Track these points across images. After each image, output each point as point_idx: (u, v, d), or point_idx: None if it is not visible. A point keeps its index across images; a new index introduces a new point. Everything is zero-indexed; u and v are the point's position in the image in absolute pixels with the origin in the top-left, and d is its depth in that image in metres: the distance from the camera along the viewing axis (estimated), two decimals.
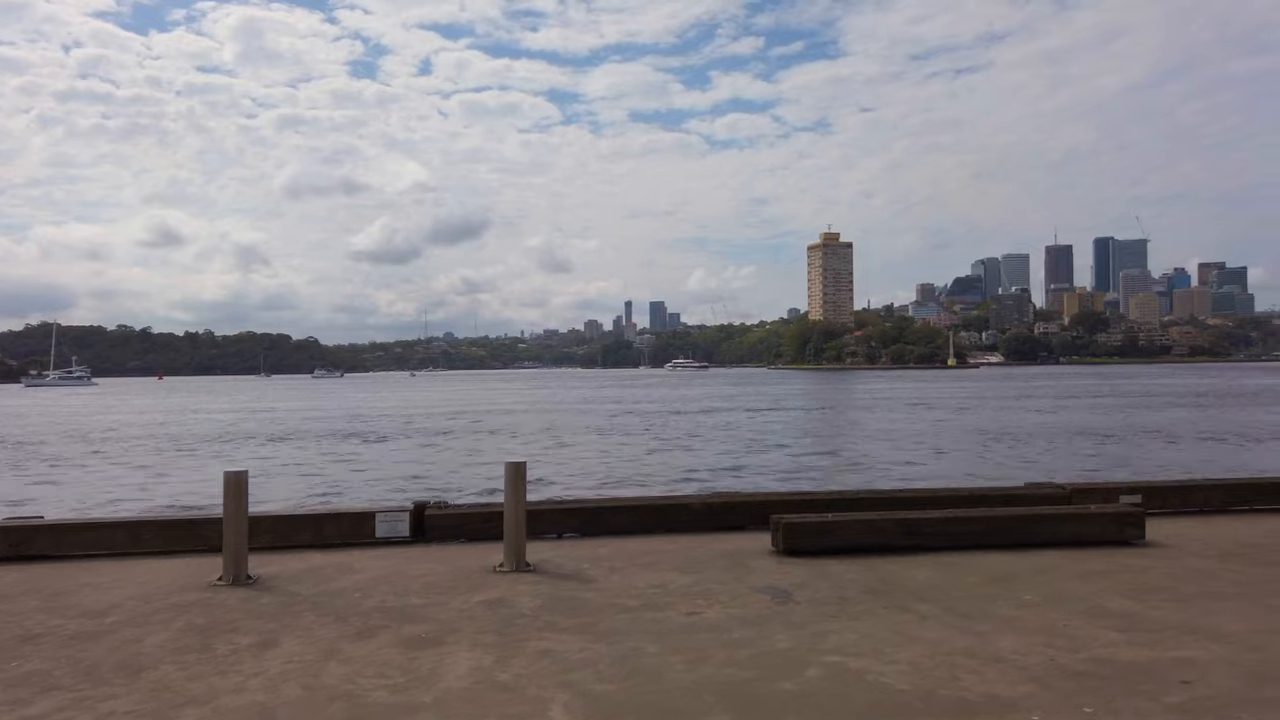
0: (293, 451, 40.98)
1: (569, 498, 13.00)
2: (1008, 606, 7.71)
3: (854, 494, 11.69)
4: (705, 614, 7.61)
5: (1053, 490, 11.84)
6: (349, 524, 10.87)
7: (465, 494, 24.24)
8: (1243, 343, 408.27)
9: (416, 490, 25.95)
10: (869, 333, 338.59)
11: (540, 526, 11.14)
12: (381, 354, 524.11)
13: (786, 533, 9.88)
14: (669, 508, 11.45)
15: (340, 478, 30.52)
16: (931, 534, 10.02)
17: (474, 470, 32.10)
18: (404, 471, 31.93)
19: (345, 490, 26.97)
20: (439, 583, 8.87)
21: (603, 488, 26.69)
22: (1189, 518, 11.83)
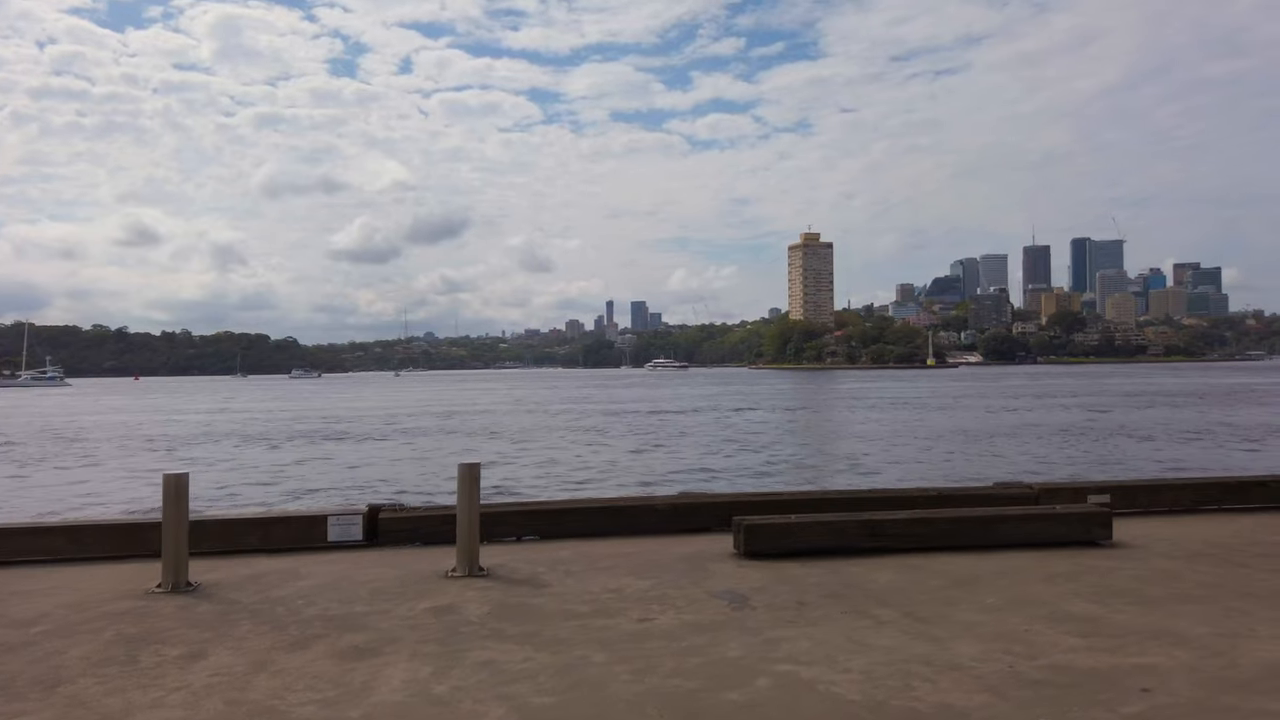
0: (259, 453, 40.41)
1: (530, 499, 12.71)
2: (969, 611, 7.52)
3: (819, 494, 11.49)
4: (658, 620, 7.36)
5: (1020, 490, 11.69)
6: (299, 528, 10.54)
7: (436, 496, 23.86)
8: (1217, 342, 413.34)
9: (385, 492, 25.57)
10: (849, 333, 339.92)
11: (500, 529, 10.87)
12: (361, 354, 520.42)
13: (748, 535, 9.65)
14: (632, 509, 11.20)
15: (305, 479, 30.06)
16: (895, 535, 9.82)
17: (444, 471, 31.68)
18: (370, 473, 31.49)
19: (309, 492, 26.53)
20: (387, 589, 8.57)
21: (581, 488, 26.41)
22: (1157, 518, 11.71)
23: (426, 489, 26.38)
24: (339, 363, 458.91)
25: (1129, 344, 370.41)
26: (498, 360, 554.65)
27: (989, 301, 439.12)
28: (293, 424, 61.21)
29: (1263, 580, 8.41)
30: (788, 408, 76.13)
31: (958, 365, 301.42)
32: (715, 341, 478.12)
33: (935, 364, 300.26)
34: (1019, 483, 12.30)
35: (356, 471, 32.38)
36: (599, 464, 33.83)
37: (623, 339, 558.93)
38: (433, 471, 31.79)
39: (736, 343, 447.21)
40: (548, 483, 27.99)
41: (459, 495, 9.14)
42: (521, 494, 24.41)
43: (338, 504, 18.45)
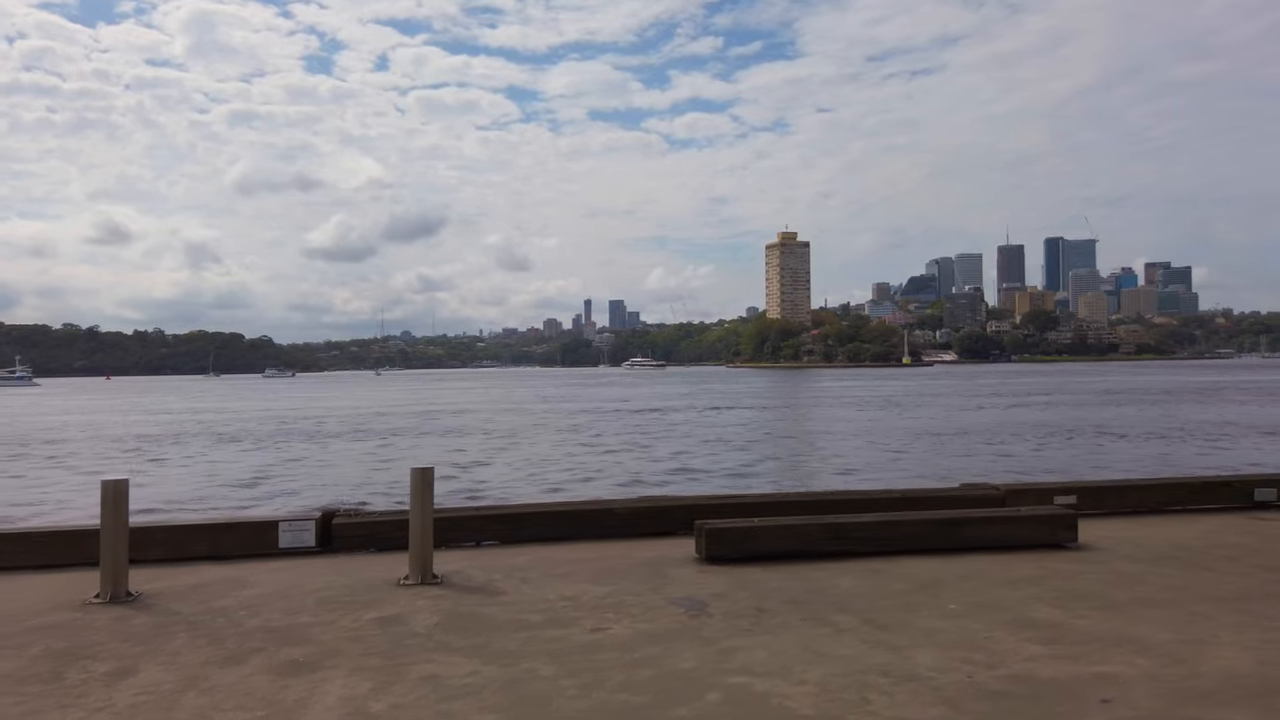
0: (227, 454, 39.79)
1: (490, 503, 12.44)
2: (930, 617, 7.35)
3: (784, 497, 11.31)
4: (612, 630, 7.14)
5: (987, 492, 11.57)
6: (249, 534, 10.22)
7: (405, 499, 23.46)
8: (1187, 341, 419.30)
9: (354, 495, 25.16)
10: (826, 331, 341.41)
11: (459, 534, 10.61)
12: (337, 353, 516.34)
13: (709, 539, 9.45)
14: (594, 513, 10.97)
15: (272, 481, 29.58)
16: (860, 539, 9.66)
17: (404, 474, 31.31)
18: (340, 474, 31.04)
19: (280, 495, 26.09)
20: (336, 598, 8.29)
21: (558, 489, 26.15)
22: (1123, 519, 11.64)
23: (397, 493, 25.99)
24: (314, 362, 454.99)
25: (1101, 342, 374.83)
26: (475, 359, 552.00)
27: (964, 300, 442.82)
28: (263, 424, 60.42)
29: (1227, 584, 8.31)
30: (763, 406, 76.20)
31: (933, 364, 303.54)
32: (693, 340, 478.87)
33: (911, 362, 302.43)
34: (985, 484, 12.20)
35: (326, 473, 31.91)
36: (574, 464, 33.56)
37: (601, 338, 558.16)
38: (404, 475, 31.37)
39: (714, 341, 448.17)
40: (522, 484, 27.70)
41: (412, 500, 8.88)
42: (494, 497, 24.10)
43: (293, 509, 18.06)
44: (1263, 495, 12.01)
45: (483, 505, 11.27)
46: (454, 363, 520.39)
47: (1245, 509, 11.97)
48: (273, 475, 31.24)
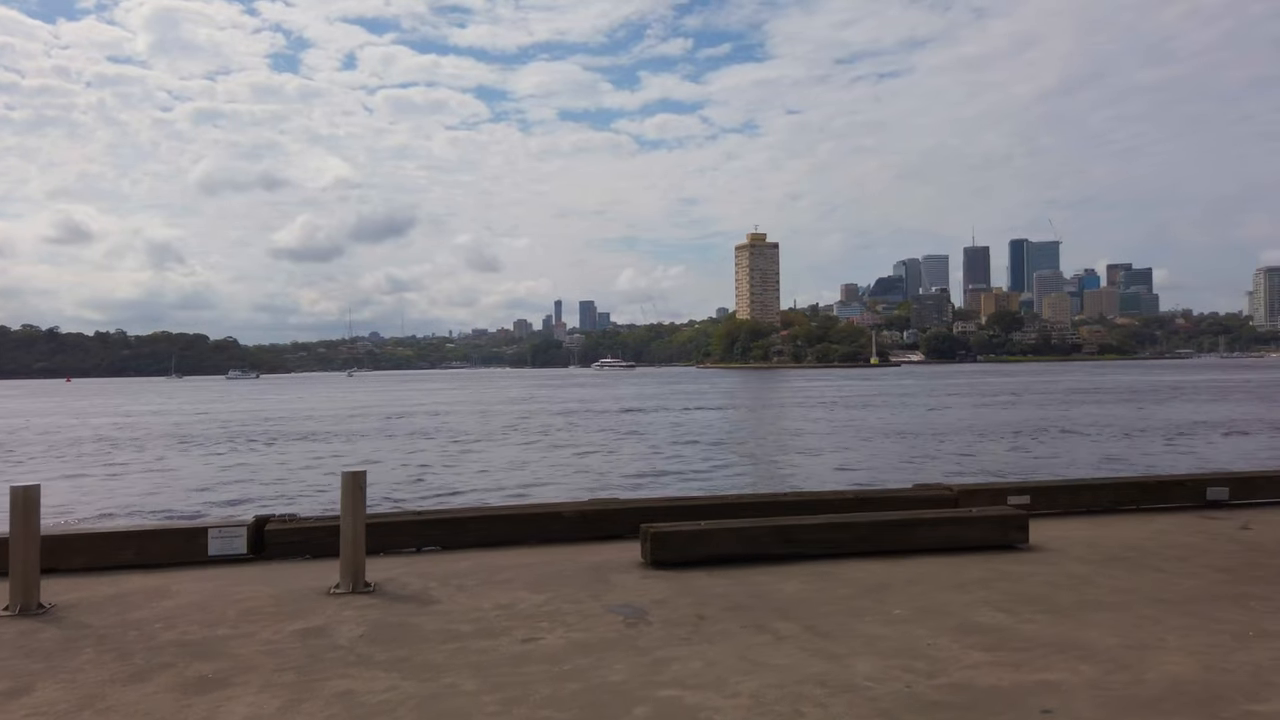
0: (181, 457, 38.93)
1: (432, 508, 12.08)
2: (874, 623, 7.14)
3: (734, 499, 11.08)
4: (544, 640, 6.85)
5: (940, 492, 11.42)
6: (178, 541, 9.80)
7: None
8: (1148, 341, 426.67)
9: (306, 501, 24.62)
10: (795, 332, 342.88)
11: (398, 540, 10.26)
12: (304, 354, 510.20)
13: (655, 543, 9.19)
14: (540, 517, 10.67)
15: (223, 485, 28.92)
16: (808, 541, 9.45)
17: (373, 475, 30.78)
18: (288, 479, 30.42)
19: (239, 502, 25.46)
20: (260, 608, 7.92)
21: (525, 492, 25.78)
22: (1076, 518, 11.54)
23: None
24: (281, 363, 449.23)
25: (1065, 343, 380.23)
26: (444, 360, 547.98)
27: (930, 301, 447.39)
28: (224, 427, 59.33)
29: (1176, 585, 8.19)
30: (729, 407, 76.20)
31: (900, 364, 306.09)
32: (664, 341, 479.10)
33: (879, 363, 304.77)
34: (939, 484, 12.05)
35: (282, 477, 31.26)
36: (538, 467, 33.20)
37: (571, 339, 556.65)
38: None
39: (685, 342, 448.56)
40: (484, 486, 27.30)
41: (342, 506, 8.52)
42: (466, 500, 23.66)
43: (227, 515, 17.57)
44: (1214, 494, 11.98)
45: (424, 510, 10.92)
46: (423, 364, 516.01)
47: (1197, 508, 11.93)
48: (225, 480, 30.54)
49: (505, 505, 11.22)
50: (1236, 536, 10.27)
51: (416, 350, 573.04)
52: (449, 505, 18.36)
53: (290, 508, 20.92)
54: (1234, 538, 10.22)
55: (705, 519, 10.23)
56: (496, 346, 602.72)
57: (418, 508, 11.28)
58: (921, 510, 10.45)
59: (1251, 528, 10.71)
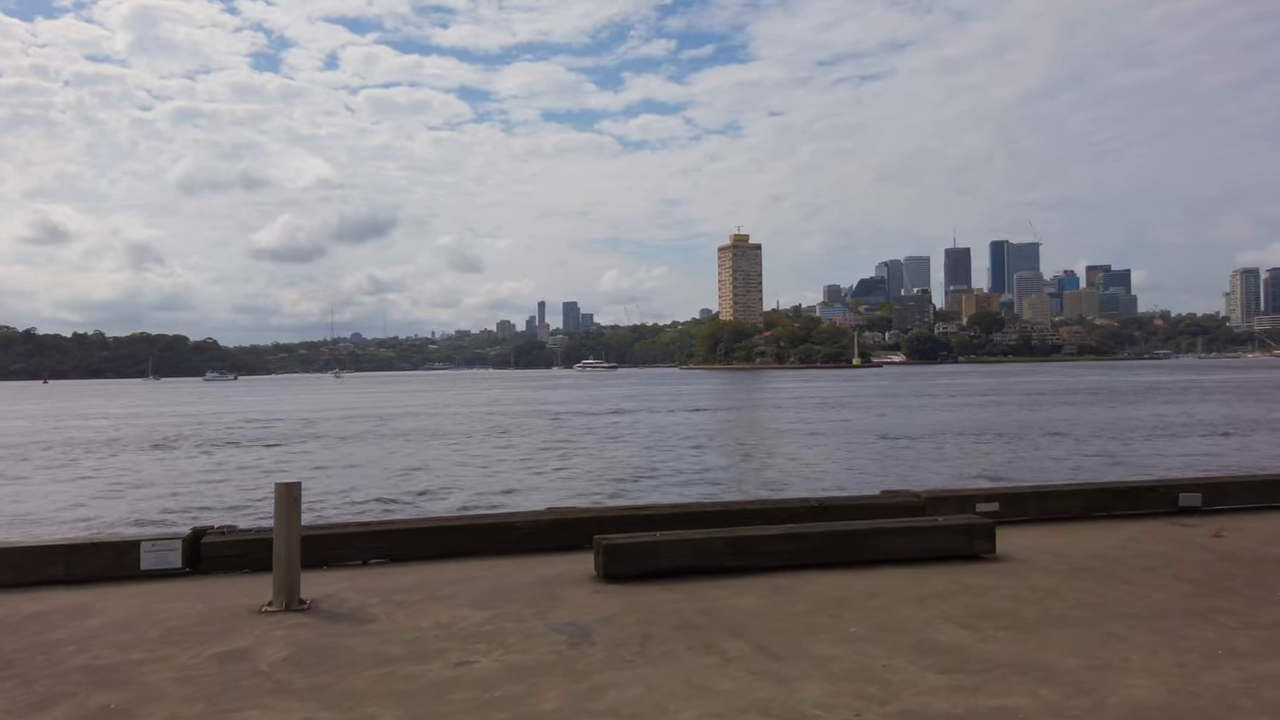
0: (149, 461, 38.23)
1: (380, 519, 11.67)
2: (828, 642, 6.80)
3: (693, 508, 10.73)
4: (479, 664, 6.46)
5: (907, 499, 11.11)
6: (110, 555, 9.34)
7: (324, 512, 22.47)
8: (1127, 342, 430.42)
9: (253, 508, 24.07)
10: (778, 333, 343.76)
11: (344, 552, 9.84)
12: (285, 356, 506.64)
13: (607, 556, 8.82)
14: (493, 528, 10.27)
15: (185, 492, 28.32)
16: (766, 553, 9.11)
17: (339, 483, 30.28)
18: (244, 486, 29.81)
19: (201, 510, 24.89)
20: (183, 629, 7.48)
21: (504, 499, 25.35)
22: (1045, 526, 11.25)
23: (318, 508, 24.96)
24: (262, 364, 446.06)
25: (1045, 343, 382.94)
26: (427, 362, 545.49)
27: (912, 302, 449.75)
28: (199, 429, 58.50)
29: (1144, 598, 7.90)
30: (709, 409, 75.96)
31: (882, 365, 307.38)
32: (647, 342, 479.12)
33: (861, 364, 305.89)
34: (906, 491, 11.73)
35: (240, 482, 30.67)
36: (506, 471, 32.77)
37: (554, 340, 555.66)
38: (327, 486, 30.31)
39: (668, 343, 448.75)
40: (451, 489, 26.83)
41: (276, 519, 8.10)
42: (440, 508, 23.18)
43: (163, 527, 17.04)
44: (1187, 500, 11.74)
45: (371, 520, 10.49)
46: (405, 365, 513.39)
47: (1169, 515, 11.68)
48: (184, 486, 29.92)
49: (457, 515, 10.81)
50: (1208, 545, 10.02)
51: (399, 351, 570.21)
52: (399, 516, 17.89)
53: (246, 518, 20.40)
54: (1205, 546, 9.96)
55: (663, 529, 9.88)
56: (479, 348, 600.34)
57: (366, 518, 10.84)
58: (886, 519, 10.13)
59: (1224, 535, 10.46)
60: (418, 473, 31.77)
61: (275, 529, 8.08)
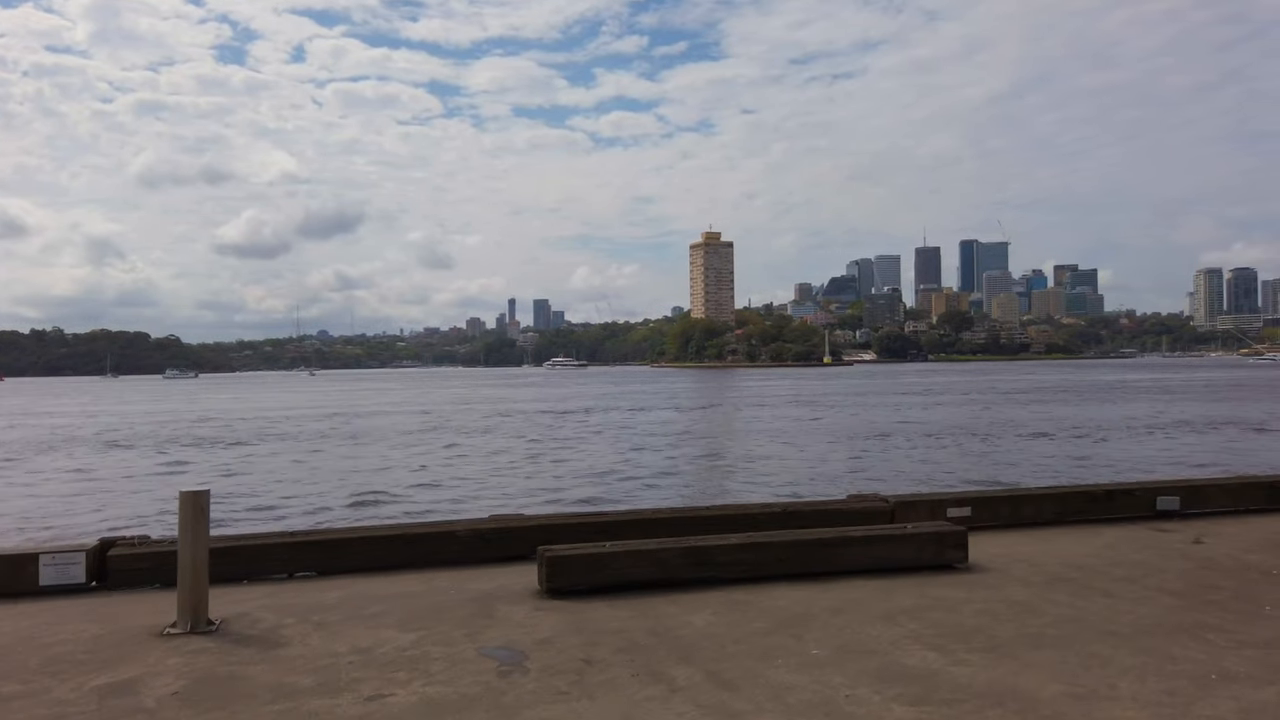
0: (59, 464, 36.94)
1: (307, 527, 10.88)
2: (787, 667, 6.16)
3: (650, 514, 10.05)
4: (394, 698, 5.74)
5: (875, 504, 10.52)
6: (4, 570, 8.50)
7: (246, 523, 21.44)
8: (1094, 341, 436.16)
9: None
10: (749, 331, 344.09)
11: (268, 565, 9.07)
12: (250, 353, 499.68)
13: (551, 569, 8.13)
14: (431, 537, 9.53)
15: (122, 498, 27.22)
16: (724, 564, 8.47)
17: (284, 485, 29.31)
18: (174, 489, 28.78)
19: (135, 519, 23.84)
20: (69, 655, 6.69)
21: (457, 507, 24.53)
22: (1019, 532, 10.72)
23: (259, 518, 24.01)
24: (226, 362, 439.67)
25: (1013, 342, 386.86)
26: (395, 360, 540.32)
27: (883, 301, 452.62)
28: (156, 428, 56.97)
29: (1126, 612, 7.35)
30: (677, 408, 75.44)
31: (853, 363, 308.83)
32: (618, 340, 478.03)
33: (832, 362, 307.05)
34: (874, 495, 11.15)
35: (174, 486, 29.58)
36: (463, 472, 31.95)
37: (525, 338, 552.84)
38: (270, 488, 29.33)
39: (639, 341, 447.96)
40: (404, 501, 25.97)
41: (180, 530, 7.32)
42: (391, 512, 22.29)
43: (68, 538, 16.11)
44: (1165, 504, 11.26)
45: (298, 530, 9.71)
46: (373, 363, 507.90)
47: (1147, 519, 11.20)
48: (106, 491, 28.79)
49: (392, 524, 10.07)
50: (1189, 552, 9.52)
51: (366, 349, 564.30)
52: (332, 523, 17.00)
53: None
54: (1186, 554, 9.46)
55: (614, 538, 9.23)
56: (449, 345, 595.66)
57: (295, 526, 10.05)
58: (853, 527, 9.54)
59: (1204, 541, 9.98)
60: (363, 475, 30.85)
61: (180, 542, 7.30)
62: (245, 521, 21.00)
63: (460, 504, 23.82)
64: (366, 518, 20.45)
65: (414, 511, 21.60)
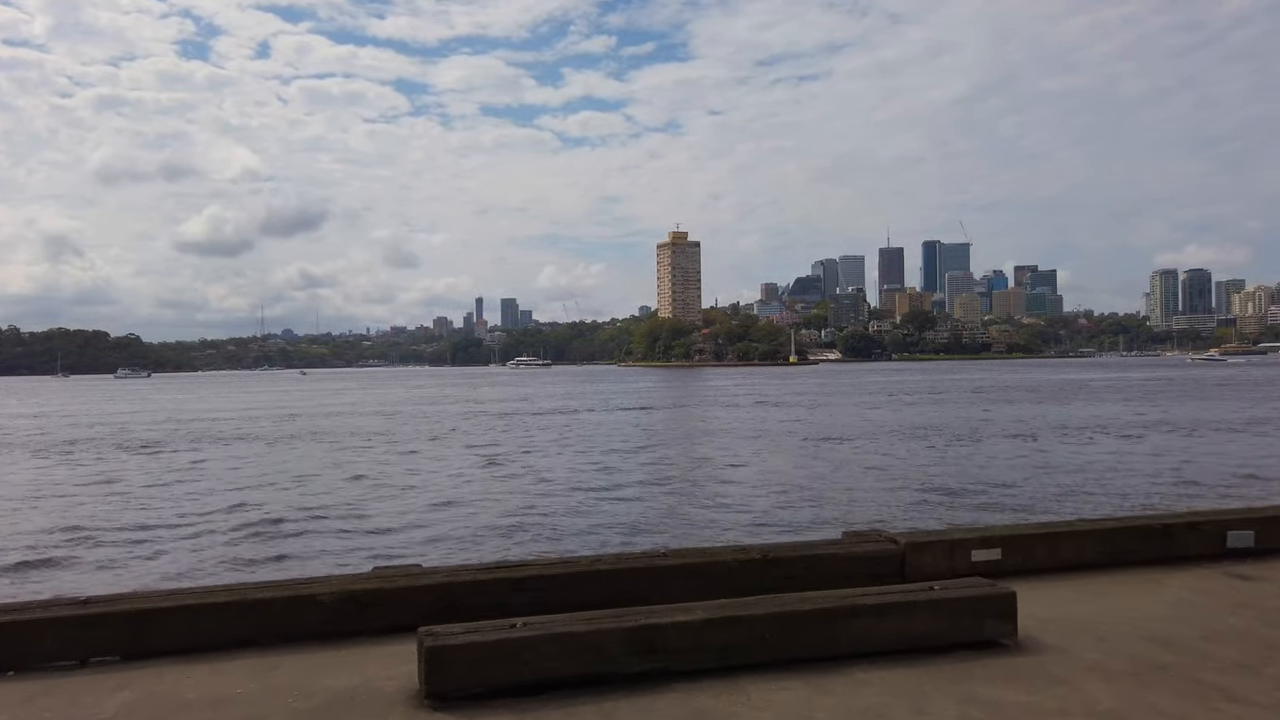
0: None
1: (110, 593, 8.19)
2: None
3: (585, 566, 7.52)
4: None
5: (880, 547, 8.12)
6: None
7: (66, 568, 18.56)
8: (1053, 340, 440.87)
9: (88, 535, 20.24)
10: (716, 330, 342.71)
11: (46, 648, 6.45)
12: (213, 352, 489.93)
13: (433, 664, 5.63)
14: (283, 602, 6.95)
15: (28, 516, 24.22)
16: (684, 650, 6.00)
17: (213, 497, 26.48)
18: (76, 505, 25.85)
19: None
20: None
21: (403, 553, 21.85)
22: (1061, 581, 8.37)
23: (144, 543, 21.17)
24: (188, 361, 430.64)
25: (975, 342, 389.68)
26: (361, 359, 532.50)
27: (847, 301, 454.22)
28: (71, 430, 53.40)
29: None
30: (640, 408, 73.02)
31: (818, 362, 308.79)
32: (586, 339, 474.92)
33: (798, 361, 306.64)
34: (875, 532, 8.75)
35: (85, 503, 26.62)
36: (376, 488, 29.24)
37: (492, 337, 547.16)
38: (136, 508, 26.52)
39: (607, 340, 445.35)
40: (302, 525, 23.24)
41: None
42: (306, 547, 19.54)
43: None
44: (1237, 540, 8.99)
45: (96, 597, 7.04)
46: (338, 362, 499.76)
47: (1215, 559, 8.91)
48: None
49: (225, 586, 7.41)
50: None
51: (332, 348, 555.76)
52: (140, 589, 14.12)
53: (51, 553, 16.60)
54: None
55: (535, 599, 6.79)
56: (416, 344, 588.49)
57: (84, 594, 7.37)
58: (854, 584, 7.14)
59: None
60: (264, 492, 28.02)
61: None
62: (66, 565, 17.21)
63: (371, 538, 19.98)
64: (231, 560, 17.45)
65: (291, 555, 17.87)
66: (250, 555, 17.96)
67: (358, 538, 19.99)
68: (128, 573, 16.38)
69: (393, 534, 20.47)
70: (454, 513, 22.97)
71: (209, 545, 19.22)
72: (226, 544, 19.28)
